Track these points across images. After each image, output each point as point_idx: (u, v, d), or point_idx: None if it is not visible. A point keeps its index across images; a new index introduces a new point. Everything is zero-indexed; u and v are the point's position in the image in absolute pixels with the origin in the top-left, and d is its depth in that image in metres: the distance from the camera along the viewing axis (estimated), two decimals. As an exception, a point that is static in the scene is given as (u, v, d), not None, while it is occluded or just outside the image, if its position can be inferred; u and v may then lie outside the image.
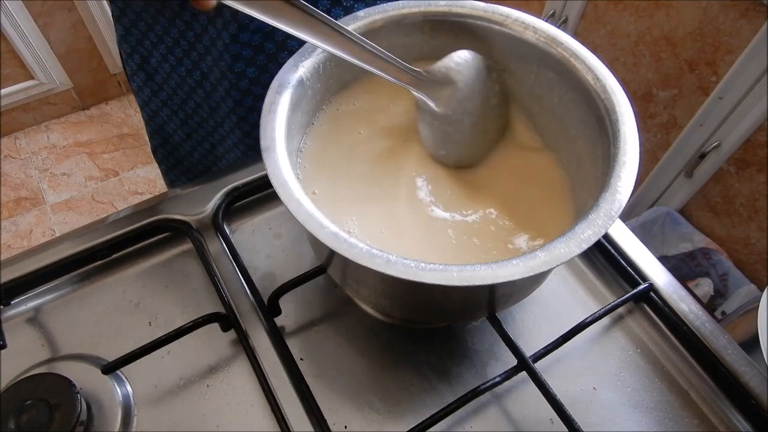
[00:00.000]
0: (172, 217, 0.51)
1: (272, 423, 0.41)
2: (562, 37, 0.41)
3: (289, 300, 0.47)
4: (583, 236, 0.31)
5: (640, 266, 0.49)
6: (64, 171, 1.79)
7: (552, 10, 1.30)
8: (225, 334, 0.46)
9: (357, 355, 0.45)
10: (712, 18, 1.01)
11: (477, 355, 0.45)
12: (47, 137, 1.87)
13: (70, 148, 1.84)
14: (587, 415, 0.42)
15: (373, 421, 0.42)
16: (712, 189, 1.16)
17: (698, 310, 0.46)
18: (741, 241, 1.15)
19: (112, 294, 0.48)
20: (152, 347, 0.42)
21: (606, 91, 0.38)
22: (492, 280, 0.30)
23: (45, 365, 0.43)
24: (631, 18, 1.14)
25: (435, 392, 0.43)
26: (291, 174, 0.34)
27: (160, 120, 0.68)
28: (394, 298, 0.40)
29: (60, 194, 1.73)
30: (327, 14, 0.36)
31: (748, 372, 0.43)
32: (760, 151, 1.03)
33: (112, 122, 1.91)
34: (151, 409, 0.42)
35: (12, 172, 1.77)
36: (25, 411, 0.38)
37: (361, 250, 0.31)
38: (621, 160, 0.35)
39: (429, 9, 0.44)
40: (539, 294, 0.49)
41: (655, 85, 1.17)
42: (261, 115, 0.37)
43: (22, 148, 1.84)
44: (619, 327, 0.48)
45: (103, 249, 0.49)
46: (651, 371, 0.45)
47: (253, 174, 0.54)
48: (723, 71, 1.02)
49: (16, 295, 0.48)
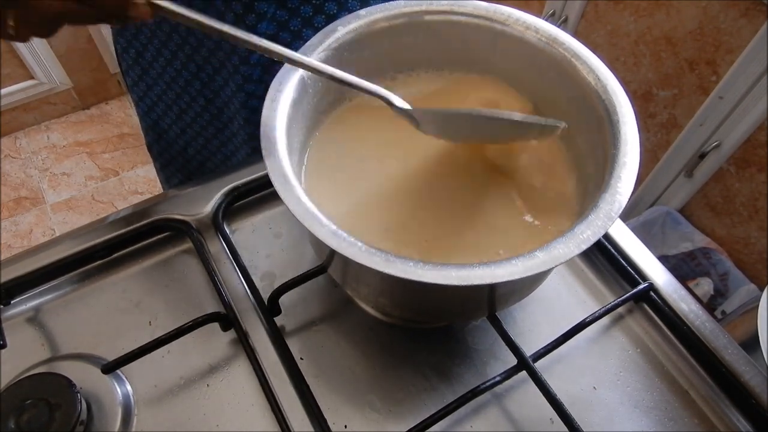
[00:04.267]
0: (172, 216, 0.51)
1: (272, 423, 0.41)
2: (563, 38, 0.41)
3: (289, 300, 0.47)
4: (583, 236, 0.31)
5: (640, 266, 0.49)
6: (64, 171, 1.79)
7: (552, 9, 1.30)
8: (225, 334, 0.46)
9: (357, 355, 0.45)
10: (712, 17, 1.00)
11: (477, 355, 0.45)
12: (47, 137, 1.87)
13: (70, 147, 1.84)
14: (587, 414, 0.42)
15: (373, 420, 0.42)
16: (712, 189, 1.16)
17: (698, 310, 0.46)
18: (741, 241, 1.15)
19: (112, 294, 0.48)
20: (152, 347, 0.42)
21: (607, 92, 0.38)
22: (491, 279, 0.30)
23: (45, 365, 0.43)
24: (631, 17, 1.14)
25: (435, 392, 0.43)
26: (291, 172, 0.34)
27: (155, 115, 0.68)
28: (394, 297, 0.40)
29: (60, 194, 1.73)
30: (320, 9, 0.36)
31: (748, 372, 0.43)
32: (760, 150, 1.03)
33: (112, 122, 1.91)
34: (151, 408, 0.42)
35: (12, 172, 1.77)
36: (25, 410, 0.38)
37: (360, 249, 0.31)
38: (621, 161, 0.35)
39: (431, 8, 0.44)
40: (539, 294, 0.49)
41: (655, 85, 1.17)
42: (261, 114, 0.37)
43: (22, 148, 1.84)
44: (619, 327, 0.48)
45: (103, 249, 0.49)
46: (651, 371, 0.45)
47: (253, 173, 0.54)
48: (723, 71, 1.02)
49: (16, 294, 0.48)
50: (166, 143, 0.71)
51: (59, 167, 1.79)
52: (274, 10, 0.52)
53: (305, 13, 0.53)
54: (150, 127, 0.70)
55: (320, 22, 0.54)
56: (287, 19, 0.53)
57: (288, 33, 0.54)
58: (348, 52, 0.43)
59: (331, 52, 0.41)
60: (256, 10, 0.51)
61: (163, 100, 0.65)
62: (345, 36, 0.42)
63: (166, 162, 0.74)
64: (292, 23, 0.53)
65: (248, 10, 0.51)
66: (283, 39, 0.54)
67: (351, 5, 0.55)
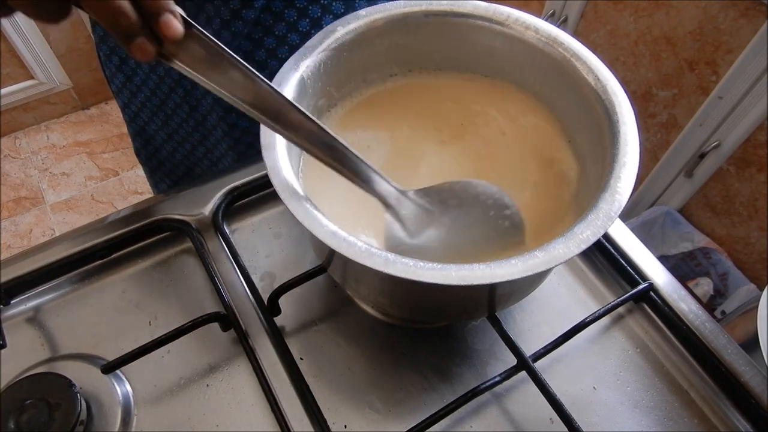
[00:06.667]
0: (172, 216, 0.51)
1: (272, 423, 0.41)
2: (563, 38, 0.41)
3: (289, 300, 0.47)
4: (582, 236, 0.31)
5: (640, 266, 0.49)
6: (63, 171, 1.79)
7: (552, 9, 1.30)
8: (225, 334, 0.46)
9: (357, 355, 0.45)
10: (712, 17, 1.01)
11: (477, 355, 0.45)
12: (47, 137, 1.87)
13: (70, 147, 1.84)
14: (587, 414, 0.42)
15: (373, 420, 0.42)
16: (712, 189, 1.16)
17: (698, 310, 0.46)
18: (741, 241, 1.15)
19: (112, 294, 0.48)
20: (152, 347, 0.42)
21: (607, 92, 0.38)
22: (490, 279, 0.30)
23: (45, 365, 0.43)
24: (631, 17, 1.14)
25: (435, 392, 0.43)
26: (291, 172, 0.34)
27: (141, 121, 0.68)
28: (394, 297, 0.40)
29: (60, 194, 1.73)
30: (321, 10, 0.34)
31: (748, 371, 0.43)
32: (760, 150, 1.03)
33: (112, 122, 1.91)
34: (151, 408, 0.42)
35: (12, 172, 1.77)
36: (25, 410, 0.38)
37: (360, 249, 0.31)
38: (621, 161, 0.35)
39: (430, 8, 0.43)
40: (539, 294, 0.49)
41: (655, 85, 1.17)
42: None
43: (22, 148, 1.84)
44: (618, 327, 0.48)
45: (102, 249, 0.49)
46: (651, 371, 0.45)
47: (252, 174, 0.54)
48: (723, 71, 1.02)
49: (16, 294, 0.48)
50: (153, 149, 0.71)
51: (59, 167, 1.79)
52: None
53: (289, 17, 0.53)
54: (137, 132, 0.70)
55: (295, 40, 0.54)
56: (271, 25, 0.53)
57: (263, 50, 0.54)
58: (348, 52, 0.43)
59: (331, 52, 0.41)
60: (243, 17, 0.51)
61: (147, 107, 0.65)
62: (345, 36, 0.42)
63: (154, 167, 0.74)
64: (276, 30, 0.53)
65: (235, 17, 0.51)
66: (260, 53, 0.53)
67: (335, 8, 0.54)
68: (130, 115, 0.68)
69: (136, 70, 0.61)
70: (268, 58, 0.54)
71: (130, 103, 0.66)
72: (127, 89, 0.64)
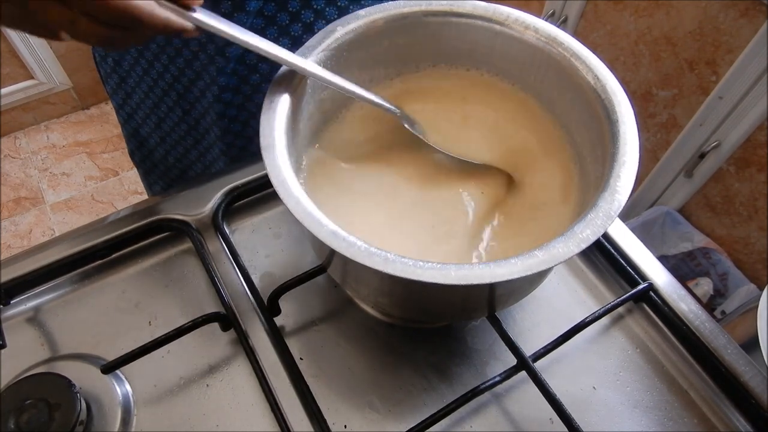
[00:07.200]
0: (172, 216, 0.51)
1: (272, 423, 0.41)
2: (562, 37, 0.41)
3: (289, 300, 0.47)
4: (582, 236, 0.31)
5: (640, 266, 0.49)
6: (63, 171, 1.79)
7: (552, 9, 1.30)
8: (225, 334, 0.46)
9: (357, 355, 0.45)
10: (711, 17, 1.01)
11: (477, 355, 0.45)
12: (47, 137, 1.87)
13: (69, 147, 1.84)
14: (587, 414, 0.42)
15: (373, 420, 0.42)
16: (712, 189, 1.16)
17: (698, 310, 0.46)
18: (741, 241, 1.15)
19: (112, 294, 0.48)
20: (152, 347, 0.42)
21: (606, 92, 0.38)
22: (490, 279, 0.30)
23: (45, 365, 0.43)
24: (631, 17, 1.14)
25: (435, 392, 0.43)
26: (291, 172, 0.34)
27: (134, 123, 0.67)
28: (394, 297, 0.40)
29: (60, 194, 1.73)
30: (322, 13, 0.35)
31: (748, 372, 0.43)
32: (760, 150, 1.03)
33: (112, 122, 1.91)
34: (151, 408, 0.42)
35: (12, 172, 1.77)
36: (25, 411, 0.38)
37: (359, 249, 0.31)
38: (620, 160, 0.35)
39: (430, 8, 0.43)
40: (539, 294, 0.49)
41: (655, 85, 1.17)
42: (261, 113, 0.37)
43: (21, 148, 1.84)
44: (618, 327, 0.48)
45: (102, 249, 0.49)
46: (651, 371, 0.45)
47: (252, 174, 0.54)
48: (723, 71, 1.02)
49: (16, 294, 0.48)
50: (147, 151, 0.71)
51: (59, 167, 1.79)
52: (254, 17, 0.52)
53: (281, 21, 0.53)
54: (131, 134, 0.70)
55: (286, 44, 0.54)
56: (273, 14, 0.53)
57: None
58: (347, 52, 0.43)
59: (330, 52, 0.41)
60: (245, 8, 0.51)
61: (142, 109, 0.65)
62: (344, 36, 0.42)
63: (148, 169, 0.74)
64: (279, 20, 0.53)
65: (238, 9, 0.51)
66: None
67: (329, 14, 0.54)
68: (124, 116, 0.68)
69: (130, 72, 0.61)
70: (259, 61, 0.54)
71: (124, 104, 0.66)
72: (121, 90, 0.64)
